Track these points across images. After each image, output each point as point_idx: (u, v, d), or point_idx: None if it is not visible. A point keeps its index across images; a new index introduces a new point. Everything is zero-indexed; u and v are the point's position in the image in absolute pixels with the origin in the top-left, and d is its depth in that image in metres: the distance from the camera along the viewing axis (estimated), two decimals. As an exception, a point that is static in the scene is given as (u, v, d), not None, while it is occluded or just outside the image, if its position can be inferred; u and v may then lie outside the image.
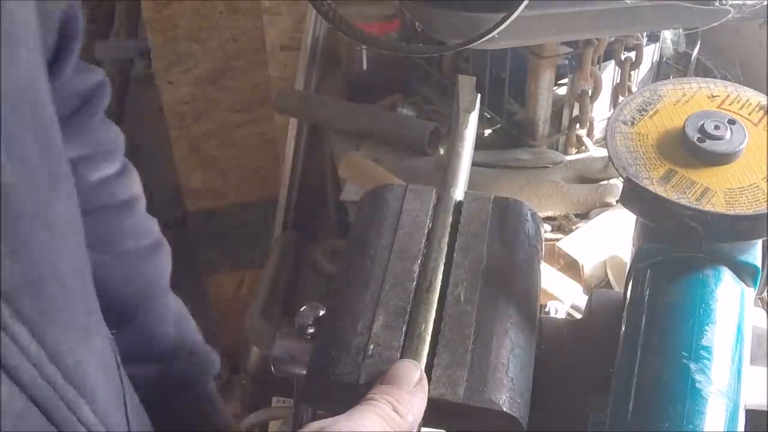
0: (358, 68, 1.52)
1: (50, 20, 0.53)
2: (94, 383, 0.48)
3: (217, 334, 1.79)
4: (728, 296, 0.47)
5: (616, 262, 1.04)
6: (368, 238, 0.53)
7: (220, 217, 1.99)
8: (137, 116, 2.05)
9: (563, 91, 1.27)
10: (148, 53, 1.83)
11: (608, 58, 1.22)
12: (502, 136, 1.34)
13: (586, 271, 1.03)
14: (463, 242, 0.52)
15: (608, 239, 1.07)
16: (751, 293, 0.49)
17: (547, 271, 1.01)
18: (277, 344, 0.53)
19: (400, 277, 0.50)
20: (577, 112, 1.25)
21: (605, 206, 1.16)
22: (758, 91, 0.53)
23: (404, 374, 0.43)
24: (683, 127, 0.49)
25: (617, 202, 1.01)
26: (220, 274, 1.89)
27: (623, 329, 0.48)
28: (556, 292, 0.98)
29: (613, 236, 1.07)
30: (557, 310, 0.59)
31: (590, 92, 1.21)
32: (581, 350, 0.51)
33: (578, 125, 1.26)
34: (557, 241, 1.08)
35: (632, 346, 0.46)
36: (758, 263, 0.49)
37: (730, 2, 0.84)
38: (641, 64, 1.22)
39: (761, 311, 0.83)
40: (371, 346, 0.46)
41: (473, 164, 0.59)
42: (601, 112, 1.28)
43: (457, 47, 0.79)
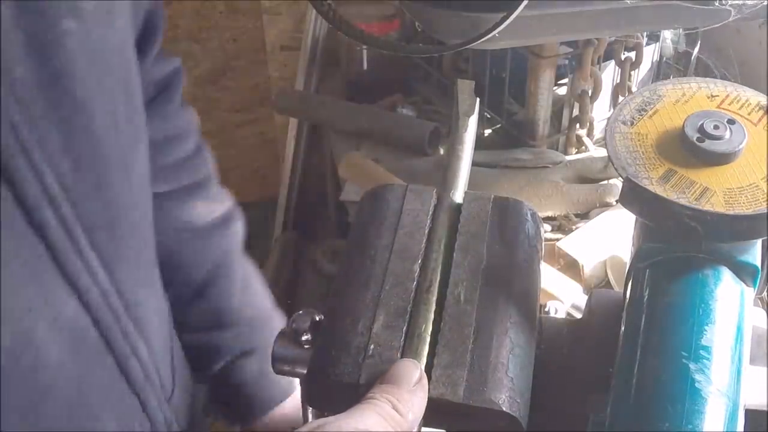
0: (358, 68, 1.52)
1: (140, 9, 0.59)
2: (150, 325, 0.52)
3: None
4: (728, 296, 0.47)
5: (616, 262, 1.04)
6: (368, 238, 0.53)
7: (220, 217, 1.98)
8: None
9: (563, 91, 1.27)
10: (148, 53, 1.82)
11: (608, 58, 1.22)
12: (502, 136, 1.34)
13: (586, 271, 1.03)
14: (463, 242, 0.52)
15: (608, 239, 1.07)
16: (750, 293, 0.49)
17: (547, 271, 1.01)
18: (277, 344, 0.53)
19: (400, 277, 0.50)
20: (577, 112, 1.25)
21: (605, 206, 1.16)
22: (758, 91, 0.53)
23: (404, 373, 0.43)
24: (683, 126, 0.49)
25: (617, 202, 1.01)
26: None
27: (623, 329, 0.48)
28: (556, 292, 0.98)
29: (613, 236, 1.07)
30: (557, 310, 0.59)
31: (590, 92, 1.21)
32: (581, 350, 0.51)
33: (578, 125, 1.26)
34: (557, 241, 1.08)
35: (632, 345, 0.46)
36: (758, 263, 0.49)
37: (730, 2, 0.84)
38: (641, 64, 1.22)
39: (761, 311, 0.83)
40: (371, 346, 0.46)
41: (473, 164, 0.59)
42: (601, 112, 1.28)
43: (457, 47, 0.79)
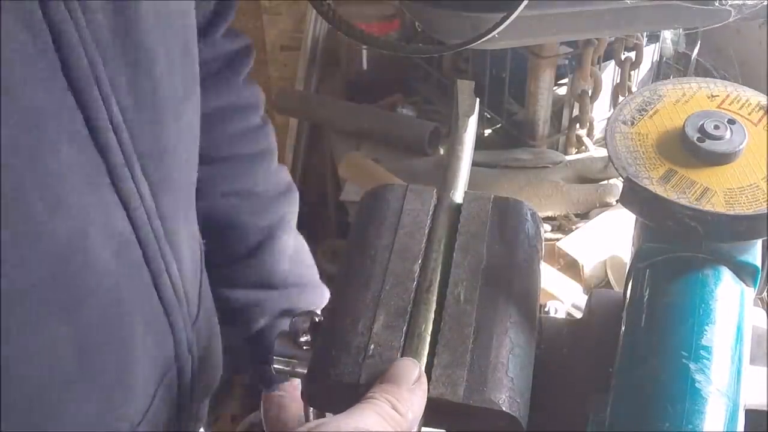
0: (358, 68, 1.52)
1: None
2: (183, 252, 0.58)
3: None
4: (728, 296, 0.47)
5: (616, 262, 1.04)
6: (368, 237, 0.53)
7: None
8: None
9: (563, 91, 1.27)
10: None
11: (608, 58, 1.22)
12: (502, 136, 1.34)
13: (586, 271, 1.03)
14: (463, 242, 0.52)
15: (608, 239, 1.07)
16: (750, 293, 0.49)
17: (547, 271, 1.01)
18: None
19: (400, 276, 0.50)
20: (577, 112, 1.25)
21: (605, 206, 1.16)
22: (758, 91, 0.53)
23: (403, 373, 0.43)
24: (683, 126, 0.49)
25: (617, 202, 1.01)
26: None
27: (623, 329, 0.48)
28: (556, 292, 0.98)
29: (613, 236, 1.07)
30: (557, 309, 0.59)
31: (590, 92, 1.21)
32: (581, 350, 0.51)
33: (578, 125, 1.26)
34: (557, 241, 1.08)
35: (632, 345, 0.46)
36: (758, 263, 0.49)
37: (730, 2, 0.84)
38: (641, 64, 1.22)
39: (761, 311, 0.83)
40: (372, 346, 0.46)
41: (473, 164, 0.59)
42: (601, 112, 1.28)
43: (457, 47, 0.79)
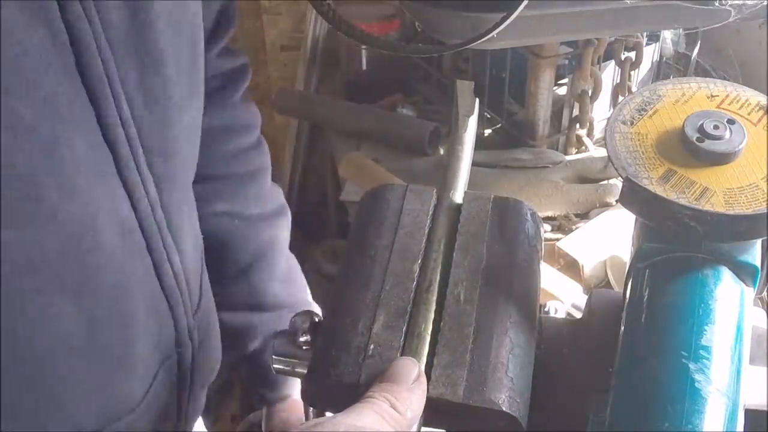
0: (358, 68, 1.52)
1: (212, 5, 0.69)
2: (184, 243, 0.60)
3: (217, 334, 1.78)
4: (728, 296, 0.47)
5: (616, 262, 1.04)
6: (368, 237, 0.53)
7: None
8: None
9: (563, 91, 1.27)
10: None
11: (608, 58, 1.22)
12: (502, 136, 1.34)
13: (586, 271, 1.03)
14: (462, 242, 0.52)
15: (608, 239, 1.07)
16: (750, 293, 0.49)
17: (547, 271, 1.01)
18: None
19: (400, 276, 0.50)
20: (577, 112, 1.25)
21: (605, 206, 1.16)
22: (758, 91, 0.53)
23: (402, 372, 0.43)
24: (682, 126, 0.49)
25: (617, 202, 1.01)
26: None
27: (623, 329, 0.48)
28: (556, 292, 0.98)
29: (613, 236, 1.07)
30: (557, 310, 0.59)
31: (590, 92, 1.21)
32: (581, 350, 0.51)
33: (578, 125, 1.26)
34: (557, 241, 1.08)
35: (632, 345, 0.46)
36: (757, 263, 0.49)
37: (730, 2, 0.84)
38: (641, 64, 1.22)
39: (761, 311, 0.83)
40: (371, 346, 0.46)
41: (473, 164, 0.59)
42: (601, 112, 1.28)
43: (457, 47, 0.79)
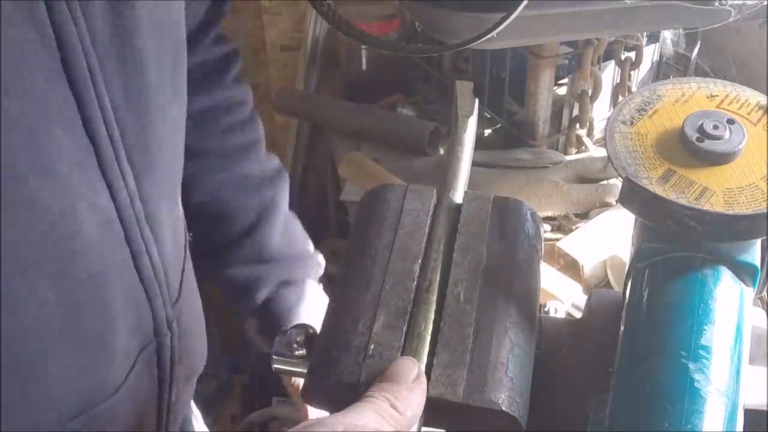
0: (357, 68, 1.52)
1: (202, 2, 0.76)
2: (164, 235, 0.63)
3: (217, 334, 1.78)
4: (727, 296, 0.47)
5: (615, 261, 1.04)
6: (369, 237, 0.53)
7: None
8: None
9: (563, 91, 1.27)
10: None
11: (608, 58, 1.22)
12: (502, 136, 1.34)
13: (586, 270, 1.03)
14: (462, 242, 0.52)
15: (608, 239, 1.07)
16: (750, 293, 0.49)
17: (547, 271, 1.01)
18: (276, 344, 0.53)
19: (400, 276, 0.50)
20: (577, 112, 1.25)
21: (605, 206, 1.16)
22: (758, 91, 0.53)
23: (402, 371, 0.44)
24: (682, 126, 0.49)
25: (617, 202, 1.01)
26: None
27: (622, 329, 0.48)
28: (556, 292, 0.98)
29: (612, 236, 1.07)
30: (557, 310, 0.59)
31: (590, 92, 1.21)
32: (581, 350, 0.51)
33: (578, 125, 1.26)
34: (557, 241, 1.08)
35: (631, 345, 0.46)
36: (757, 263, 0.49)
37: (730, 2, 0.84)
38: (641, 64, 1.22)
39: (760, 311, 0.83)
40: (372, 345, 0.46)
41: (473, 164, 0.59)
42: (601, 112, 1.28)
43: (457, 47, 0.79)
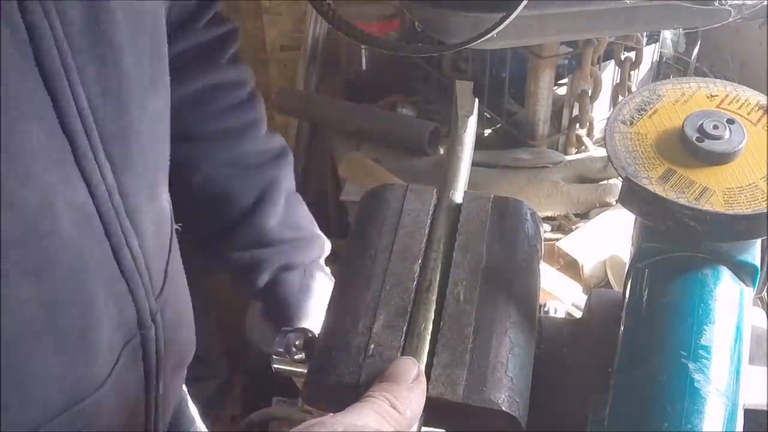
0: (357, 68, 1.52)
1: None
2: (144, 227, 0.62)
3: (217, 334, 1.78)
4: (727, 296, 0.47)
5: (615, 261, 1.04)
6: (369, 237, 0.53)
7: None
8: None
9: (563, 91, 1.27)
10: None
11: (608, 58, 1.22)
12: (502, 136, 1.34)
13: (585, 270, 1.03)
14: (462, 242, 0.52)
15: (608, 239, 1.07)
16: (750, 293, 0.49)
17: (547, 271, 1.01)
18: (276, 345, 0.53)
19: (400, 276, 0.50)
20: (577, 112, 1.25)
21: (605, 206, 1.16)
22: (758, 91, 0.53)
23: (402, 371, 0.44)
24: (682, 126, 0.49)
25: (617, 202, 1.01)
26: (220, 274, 1.89)
27: (622, 329, 0.48)
28: (556, 292, 0.98)
29: (612, 236, 1.07)
30: (557, 309, 0.59)
31: (590, 92, 1.21)
32: (581, 350, 0.51)
33: (578, 125, 1.26)
34: (557, 241, 1.08)
35: (631, 345, 0.46)
36: (757, 263, 0.49)
37: (730, 2, 0.84)
38: (641, 64, 1.22)
39: (760, 311, 0.83)
40: (372, 345, 0.46)
41: (473, 164, 0.59)
42: (601, 112, 1.28)
43: (457, 47, 0.79)
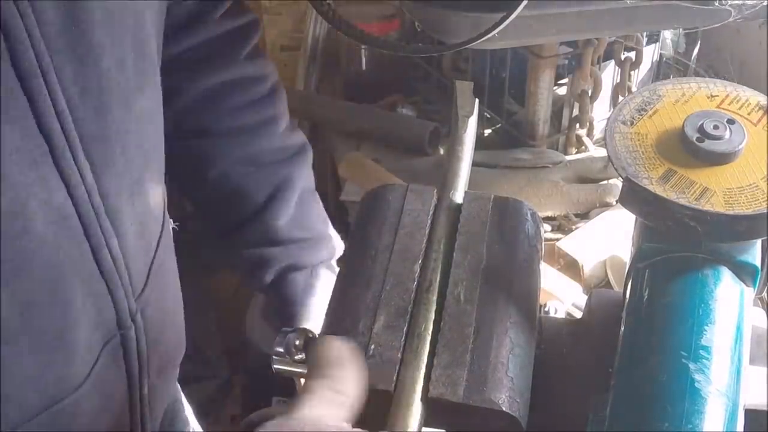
0: (357, 68, 1.52)
1: None
2: (125, 227, 0.60)
3: (217, 334, 1.79)
4: (727, 296, 0.47)
5: (615, 262, 1.04)
6: (369, 238, 0.53)
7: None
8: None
9: (563, 91, 1.27)
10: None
11: (608, 58, 1.22)
12: (502, 136, 1.34)
13: (586, 270, 1.04)
14: (462, 242, 0.52)
15: (608, 239, 1.07)
16: (750, 293, 0.49)
17: (547, 271, 1.01)
18: (276, 345, 0.53)
19: (401, 277, 0.50)
20: (577, 112, 1.25)
21: (605, 206, 1.16)
22: (758, 91, 0.53)
23: (328, 354, 0.44)
24: (682, 126, 0.49)
25: (617, 202, 1.01)
26: (220, 274, 1.89)
27: (623, 329, 0.48)
28: (556, 292, 0.98)
29: (613, 236, 1.07)
30: (557, 309, 0.59)
31: (590, 92, 1.21)
32: (581, 350, 0.51)
33: (578, 125, 1.26)
34: (557, 241, 1.08)
35: (631, 345, 0.46)
36: (757, 263, 0.49)
37: (730, 2, 0.84)
38: (641, 64, 1.22)
39: (761, 311, 0.83)
40: (372, 346, 0.46)
41: (473, 164, 0.59)
42: (601, 112, 1.28)
43: (457, 47, 0.79)
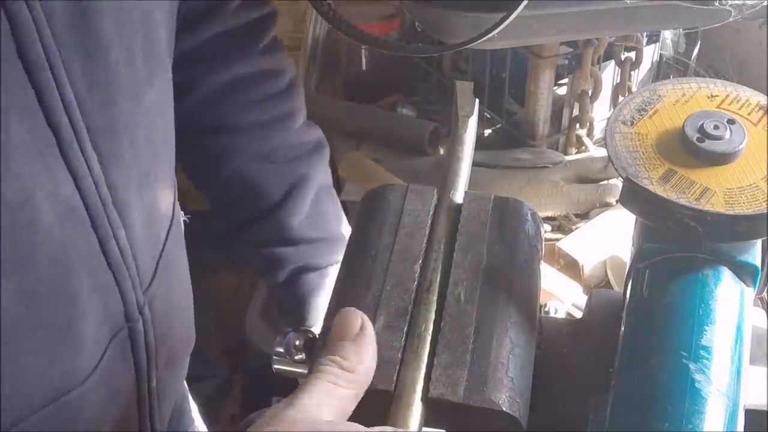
0: (357, 68, 1.52)
1: None
2: (134, 219, 0.60)
3: (216, 333, 1.78)
4: (728, 296, 0.47)
5: (616, 262, 1.04)
6: (369, 238, 0.53)
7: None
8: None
9: (563, 91, 1.27)
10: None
11: (608, 58, 1.22)
12: (502, 136, 1.34)
13: (586, 271, 1.04)
14: (462, 242, 0.52)
15: (608, 239, 1.07)
16: (750, 293, 0.49)
17: (547, 271, 1.01)
18: (276, 345, 0.53)
19: (401, 277, 0.50)
20: (577, 112, 1.25)
21: (605, 206, 1.16)
22: (758, 91, 0.53)
23: (344, 326, 0.44)
24: (683, 126, 0.49)
25: (617, 202, 1.01)
26: (220, 274, 1.89)
27: (623, 329, 0.48)
28: (556, 292, 0.98)
29: (613, 236, 1.07)
30: (557, 309, 0.59)
31: (590, 92, 1.21)
32: (581, 350, 0.51)
33: (578, 125, 1.26)
34: (557, 241, 1.08)
35: (632, 346, 0.46)
36: (758, 263, 0.49)
37: (730, 2, 0.84)
38: (641, 64, 1.22)
39: (761, 311, 0.83)
40: (372, 346, 0.46)
41: (473, 164, 0.59)
42: (601, 112, 1.28)
43: (457, 47, 0.79)
